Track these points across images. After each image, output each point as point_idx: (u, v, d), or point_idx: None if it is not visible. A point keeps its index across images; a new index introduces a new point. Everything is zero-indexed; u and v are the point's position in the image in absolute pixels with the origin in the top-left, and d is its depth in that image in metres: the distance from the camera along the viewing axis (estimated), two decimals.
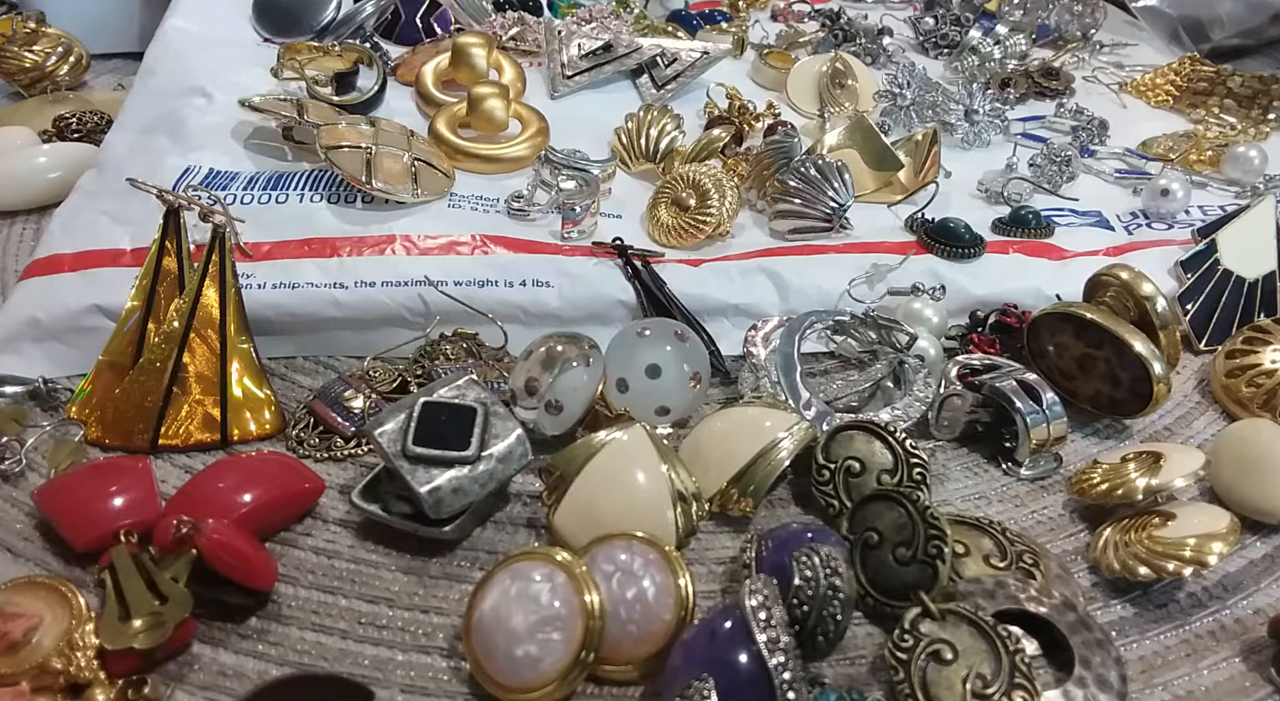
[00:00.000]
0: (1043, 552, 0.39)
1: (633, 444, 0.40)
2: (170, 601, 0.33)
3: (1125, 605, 0.39)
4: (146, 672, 0.33)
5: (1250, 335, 0.50)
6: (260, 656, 0.35)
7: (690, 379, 0.45)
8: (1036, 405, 0.44)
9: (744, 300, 0.52)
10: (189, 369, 0.42)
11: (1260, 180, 0.67)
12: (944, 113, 0.70)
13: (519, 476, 0.41)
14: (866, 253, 0.55)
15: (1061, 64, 0.83)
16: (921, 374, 0.47)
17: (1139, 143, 0.72)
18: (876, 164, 0.62)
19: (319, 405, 0.44)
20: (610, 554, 0.36)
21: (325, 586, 0.37)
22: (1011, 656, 0.33)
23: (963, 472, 0.45)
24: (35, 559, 0.37)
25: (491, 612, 0.34)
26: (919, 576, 0.37)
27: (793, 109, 0.73)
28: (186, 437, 0.42)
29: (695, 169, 0.57)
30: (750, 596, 0.32)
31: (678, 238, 0.55)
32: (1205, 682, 0.36)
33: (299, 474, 0.40)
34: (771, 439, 0.41)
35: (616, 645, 0.34)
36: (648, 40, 0.73)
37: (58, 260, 0.48)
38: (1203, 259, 0.55)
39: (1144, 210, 0.63)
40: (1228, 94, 0.78)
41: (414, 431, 0.37)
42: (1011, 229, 0.58)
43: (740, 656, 0.31)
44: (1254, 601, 0.39)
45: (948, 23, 0.86)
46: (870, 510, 0.39)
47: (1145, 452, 0.43)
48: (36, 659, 0.32)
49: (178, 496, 0.38)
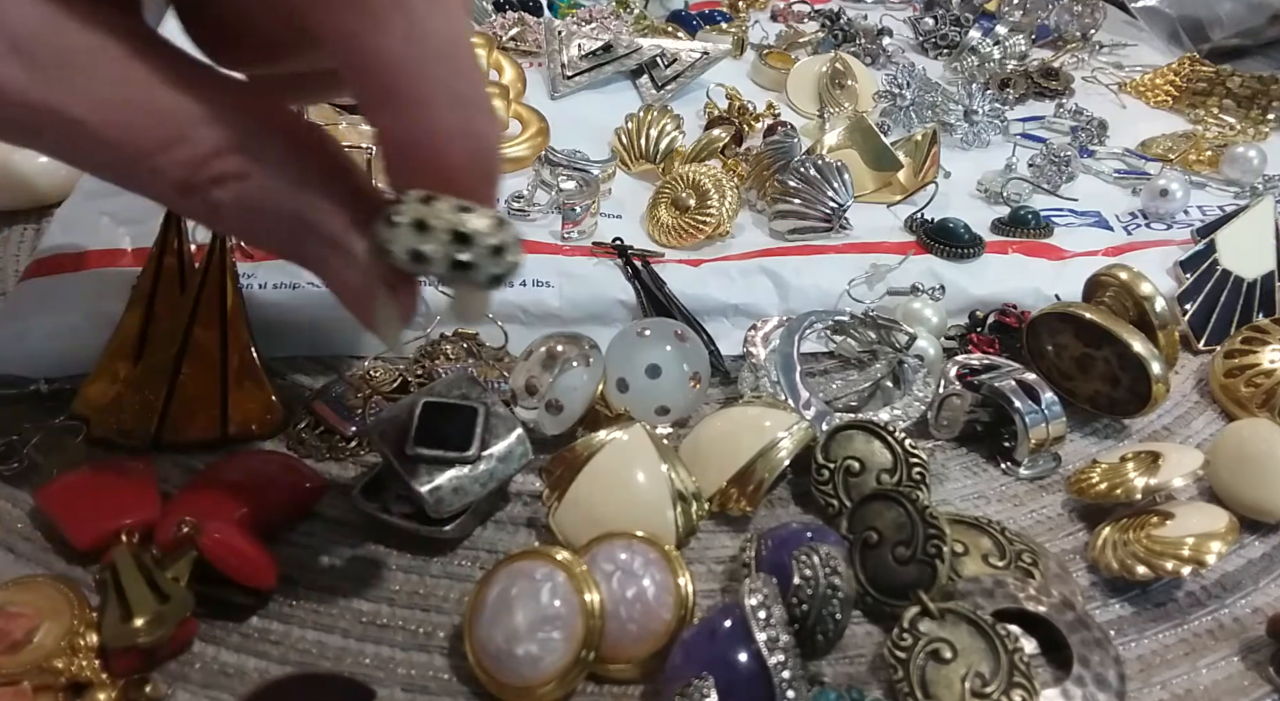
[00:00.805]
0: (1041, 552, 0.39)
1: (633, 443, 0.40)
2: (171, 601, 0.33)
3: (1124, 604, 0.39)
4: (148, 672, 0.33)
5: (1249, 335, 0.51)
6: (261, 655, 0.35)
7: (690, 379, 0.45)
8: (1035, 405, 0.44)
9: (744, 300, 0.52)
10: (190, 369, 0.42)
11: (1259, 180, 0.67)
12: (943, 113, 0.70)
13: (519, 476, 0.41)
14: (866, 253, 0.55)
15: (1061, 64, 0.83)
16: (921, 374, 0.47)
17: (1138, 143, 0.72)
18: (876, 164, 0.62)
19: (320, 405, 0.44)
20: (610, 553, 0.36)
21: (326, 585, 0.37)
22: (1010, 655, 0.33)
23: (962, 472, 0.45)
24: (36, 558, 0.37)
25: (492, 611, 0.34)
26: (918, 575, 0.37)
27: (792, 109, 0.73)
28: (187, 437, 0.42)
29: (695, 169, 0.57)
30: (750, 595, 0.32)
31: (677, 238, 0.55)
32: (1204, 681, 0.36)
33: (300, 473, 0.40)
34: (771, 438, 0.41)
35: (616, 644, 0.34)
36: (648, 40, 0.73)
37: (58, 260, 0.48)
38: (1202, 259, 0.55)
39: (1143, 210, 0.63)
40: (1227, 94, 0.78)
41: (415, 431, 0.37)
42: (1011, 229, 0.59)
43: (740, 655, 0.31)
44: (1252, 600, 0.39)
45: (947, 23, 0.86)
46: (869, 509, 0.39)
47: (1144, 452, 0.43)
48: (37, 658, 0.32)
49: (179, 496, 0.38)
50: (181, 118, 0.24)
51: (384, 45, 0.23)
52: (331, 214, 0.26)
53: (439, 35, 0.23)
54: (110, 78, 0.24)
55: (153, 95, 0.24)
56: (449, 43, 0.24)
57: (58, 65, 0.23)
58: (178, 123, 0.24)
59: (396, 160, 0.25)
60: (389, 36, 0.22)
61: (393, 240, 0.24)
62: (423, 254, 0.24)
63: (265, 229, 0.26)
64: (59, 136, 0.24)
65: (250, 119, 0.25)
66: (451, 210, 0.24)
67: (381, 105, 0.24)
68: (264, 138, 0.25)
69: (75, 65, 0.23)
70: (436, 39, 0.23)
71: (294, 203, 0.26)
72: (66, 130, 0.24)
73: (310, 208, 0.26)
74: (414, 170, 0.25)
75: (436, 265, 0.25)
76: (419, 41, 0.23)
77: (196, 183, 0.25)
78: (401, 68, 0.23)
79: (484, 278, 0.25)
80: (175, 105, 0.24)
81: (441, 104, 0.24)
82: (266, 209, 0.26)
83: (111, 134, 0.24)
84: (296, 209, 0.26)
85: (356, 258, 0.26)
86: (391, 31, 0.22)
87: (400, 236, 0.24)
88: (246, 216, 0.26)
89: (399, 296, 0.27)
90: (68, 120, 0.23)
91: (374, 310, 0.27)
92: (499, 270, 0.25)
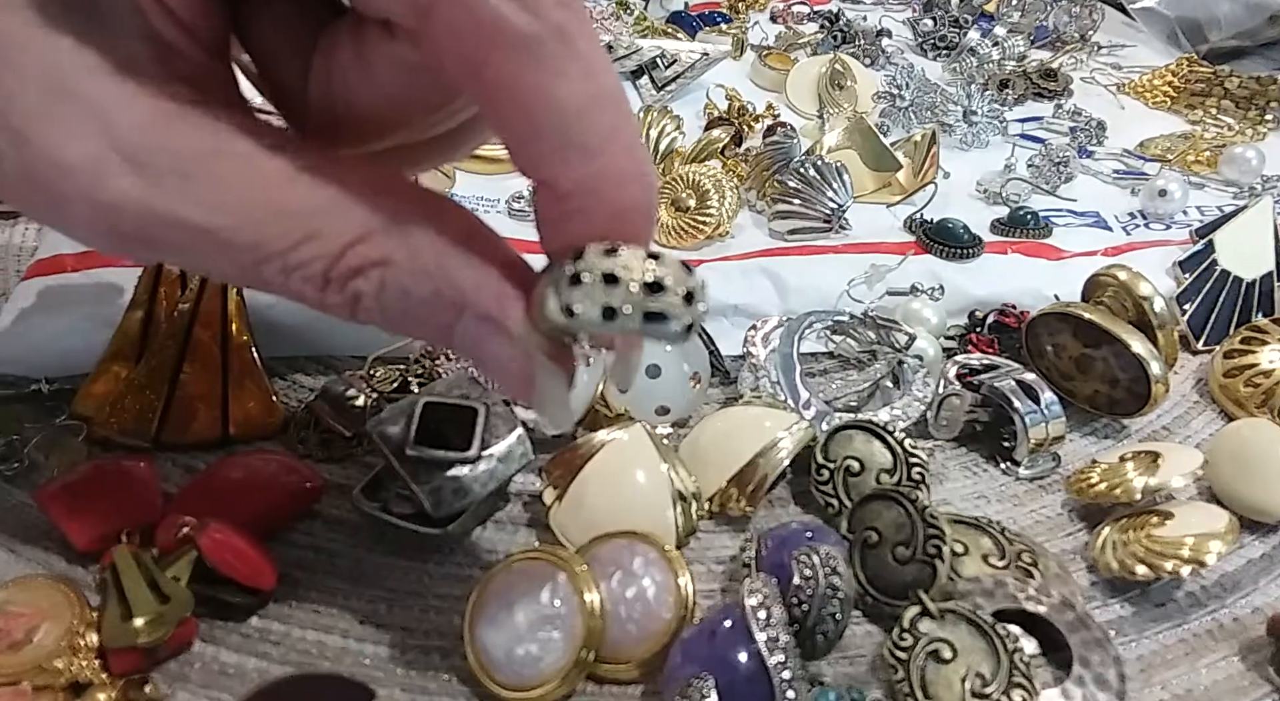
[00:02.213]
0: (1041, 552, 0.39)
1: (633, 443, 0.40)
2: (172, 601, 0.33)
3: (1124, 604, 0.39)
4: (148, 672, 0.33)
5: (1248, 335, 0.51)
6: (261, 655, 0.35)
7: (690, 379, 0.45)
8: (1035, 405, 0.44)
9: (744, 300, 0.52)
10: (191, 368, 0.42)
11: (1258, 181, 0.67)
12: (942, 114, 0.70)
13: (519, 476, 0.41)
14: (865, 253, 0.55)
15: (1059, 65, 0.84)
16: (920, 374, 0.47)
17: (1137, 143, 0.72)
18: (875, 164, 0.62)
19: (320, 405, 0.44)
20: (610, 553, 0.36)
21: (326, 585, 0.37)
22: (1010, 655, 0.33)
23: (961, 472, 0.45)
24: (36, 559, 0.37)
25: (492, 611, 0.34)
26: (918, 575, 0.37)
27: (792, 110, 0.73)
28: (188, 437, 0.42)
29: (695, 170, 0.57)
30: (750, 595, 0.33)
31: (677, 238, 0.55)
32: (1204, 681, 0.36)
33: (300, 473, 0.40)
34: (771, 438, 0.41)
35: (616, 644, 0.34)
36: (647, 41, 0.73)
37: (60, 261, 0.48)
38: (1200, 259, 0.55)
39: (1142, 210, 0.63)
40: (1225, 95, 0.78)
41: (415, 431, 0.37)
42: (1010, 229, 0.59)
43: (740, 655, 0.31)
44: (1252, 600, 0.39)
45: (946, 24, 0.86)
46: (869, 509, 0.39)
47: (1143, 452, 0.43)
48: (38, 658, 0.32)
49: (179, 496, 0.38)
50: (311, 211, 0.23)
51: (563, 91, 0.22)
52: (480, 289, 0.24)
53: (609, 81, 0.23)
54: (231, 180, 0.23)
55: (278, 193, 0.23)
56: (617, 88, 0.23)
57: (175, 173, 0.22)
58: (307, 217, 0.23)
59: (568, 210, 0.24)
60: (570, 84, 0.22)
61: (581, 299, 0.22)
62: (615, 311, 0.22)
63: (413, 315, 0.25)
64: (184, 246, 0.23)
65: (383, 199, 0.24)
66: (639, 259, 0.22)
67: (555, 154, 0.23)
68: (400, 218, 0.24)
69: (193, 171, 0.22)
70: (608, 84, 0.23)
71: (438, 282, 0.24)
72: (191, 240, 0.23)
73: (456, 285, 0.24)
74: (589, 219, 0.23)
75: (630, 320, 0.22)
76: (595, 87, 0.22)
77: (335, 276, 0.24)
78: (583, 114, 0.22)
79: (678, 328, 0.23)
80: (303, 199, 0.23)
81: (617, 148, 0.23)
82: (411, 293, 0.24)
83: (239, 238, 0.23)
84: (441, 288, 0.24)
85: (513, 334, 0.24)
86: (571, 79, 0.22)
87: (590, 293, 0.22)
88: (392, 304, 0.24)
89: (560, 361, 0.26)
90: (192, 229, 0.22)
91: (537, 388, 0.26)
92: (690, 318, 0.23)
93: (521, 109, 0.22)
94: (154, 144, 0.22)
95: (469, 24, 0.21)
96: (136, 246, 0.24)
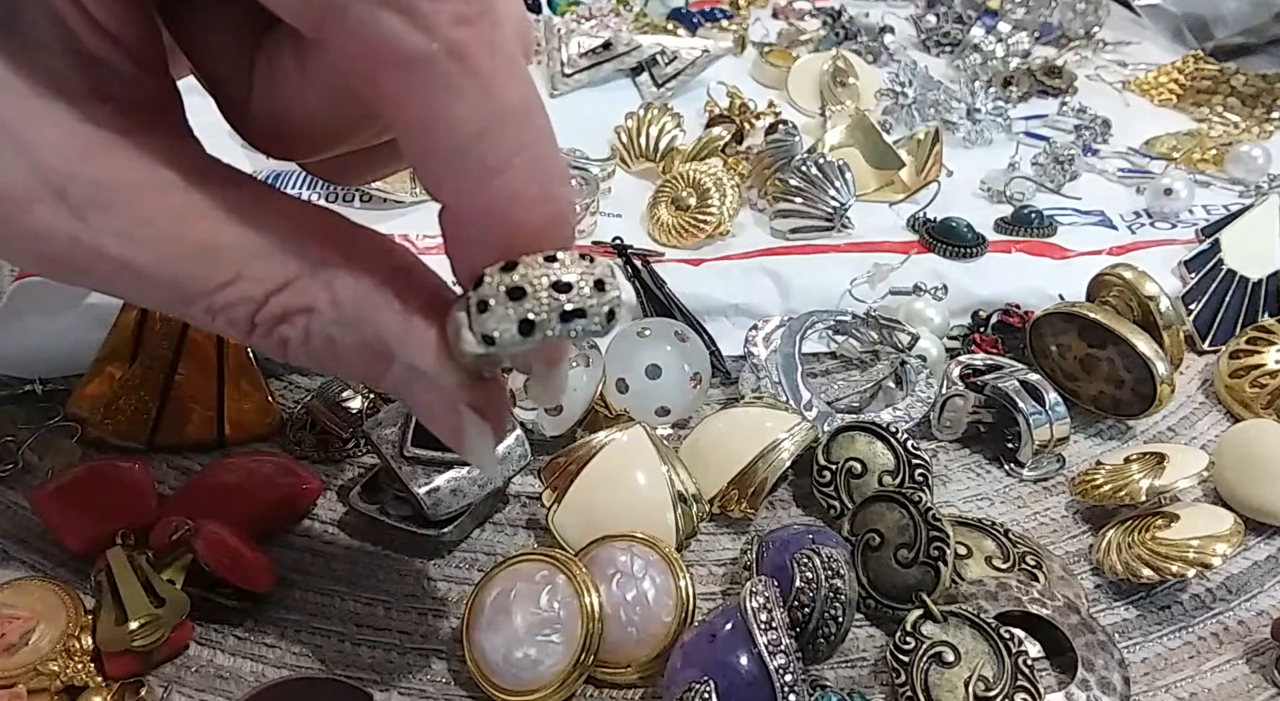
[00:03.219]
0: (1045, 554, 0.39)
1: (633, 444, 0.40)
2: (167, 603, 0.33)
3: (1128, 607, 0.39)
4: (143, 675, 0.33)
5: (1254, 335, 0.50)
6: (258, 658, 0.34)
7: (690, 379, 0.45)
8: (1039, 406, 0.44)
9: (745, 300, 0.51)
10: (186, 369, 0.42)
11: (1264, 179, 0.67)
12: (946, 111, 0.70)
13: (518, 477, 0.41)
14: (868, 252, 0.55)
15: (1064, 62, 0.83)
16: (923, 374, 0.47)
17: (1142, 141, 0.72)
18: (878, 163, 0.62)
19: (317, 406, 0.43)
20: (610, 555, 0.36)
21: (323, 588, 0.37)
22: (1014, 658, 0.33)
23: (965, 474, 0.45)
24: (31, 561, 0.37)
25: (490, 614, 0.34)
26: (921, 578, 0.36)
27: (794, 107, 0.72)
28: (183, 438, 0.42)
29: (695, 168, 0.57)
30: (751, 598, 0.32)
31: (678, 237, 0.55)
32: (1209, 684, 0.36)
33: (296, 475, 0.40)
34: (772, 439, 0.41)
35: (616, 647, 0.34)
36: (648, 38, 0.72)
37: None
38: (1206, 258, 0.55)
39: (1147, 209, 0.63)
40: (1231, 92, 0.78)
41: (413, 432, 0.37)
42: (1014, 228, 0.58)
43: (741, 658, 0.31)
44: (1257, 603, 0.39)
45: (950, 20, 0.86)
46: (872, 511, 0.39)
47: (1148, 454, 0.43)
48: (33, 661, 0.32)
49: (174, 497, 0.38)
50: (234, 252, 0.22)
51: (458, 111, 0.21)
52: (404, 340, 0.24)
53: (512, 99, 0.22)
54: (157, 215, 0.22)
55: (202, 229, 0.22)
56: (522, 106, 0.22)
57: (95, 203, 0.21)
58: (233, 260, 0.22)
59: (467, 232, 0.23)
60: (465, 104, 0.21)
61: (496, 324, 0.22)
62: (532, 322, 0.22)
63: (343, 361, 0.24)
64: (109, 277, 0.22)
65: (310, 242, 0.23)
66: (540, 264, 0.22)
67: (452, 174, 0.22)
68: (327, 262, 0.23)
69: (114, 201, 0.22)
70: (510, 103, 0.22)
71: (364, 332, 0.24)
72: (115, 272, 0.22)
73: (380, 336, 0.24)
74: (490, 243, 0.22)
75: (548, 326, 0.22)
76: (494, 106, 0.21)
77: (260, 321, 0.23)
78: (479, 133, 0.21)
79: (599, 320, 0.22)
80: (230, 240, 0.22)
81: (519, 169, 0.22)
82: (337, 342, 0.24)
83: (159, 274, 0.22)
84: (367, 339, 0.24)
85: (438, 380, 0.24)
86: (466, 98, 0.21)
87: (501, 315, 0.22)
88: (319, 351, 0.24)
89: (488, 414, 0.26)
90: (112, 262, 0.22)
91: (464, 434, 0.26)
92: (608, 306, 0.22)
93: (415, 128, 0.22)
94: (75, 171, 0.21)
95: (357, 42, 0.20)
96: (71, 274, 0.23)
